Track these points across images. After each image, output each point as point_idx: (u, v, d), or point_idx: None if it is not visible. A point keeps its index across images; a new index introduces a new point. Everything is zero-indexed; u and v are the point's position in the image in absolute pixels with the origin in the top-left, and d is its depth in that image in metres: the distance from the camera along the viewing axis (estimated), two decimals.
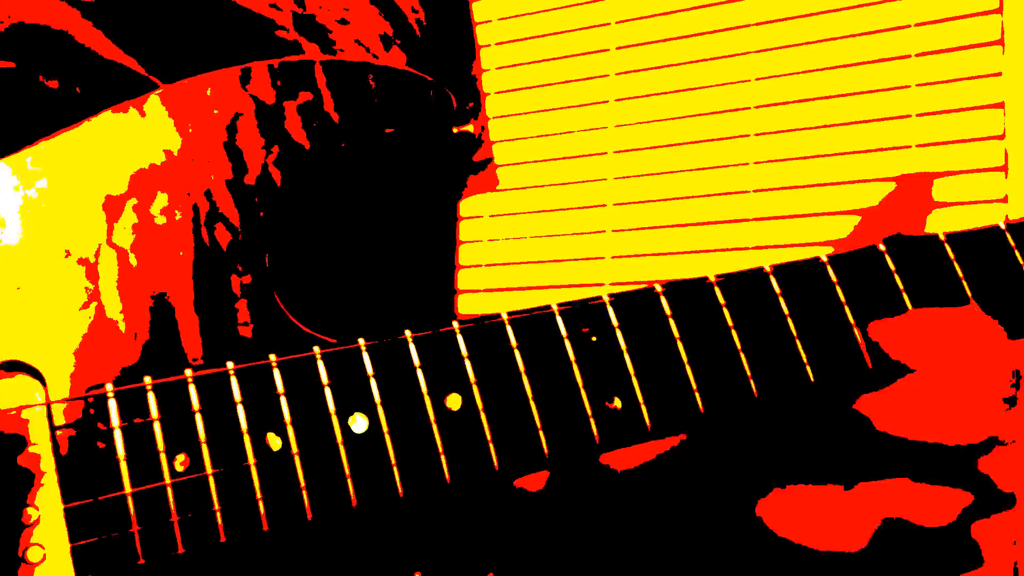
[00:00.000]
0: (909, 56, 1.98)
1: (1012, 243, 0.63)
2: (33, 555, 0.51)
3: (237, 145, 0.61)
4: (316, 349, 0.57)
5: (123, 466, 0.53)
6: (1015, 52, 1.87)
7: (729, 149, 2.18)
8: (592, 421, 0.58)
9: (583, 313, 0.59)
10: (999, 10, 1.90)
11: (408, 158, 0.69)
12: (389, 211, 0.73)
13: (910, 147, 1.97)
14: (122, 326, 0.57)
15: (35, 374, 0.55)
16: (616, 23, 2.35)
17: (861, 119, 2.03)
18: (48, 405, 0.54)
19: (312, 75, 0.63)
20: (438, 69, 0.78)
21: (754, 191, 2.12)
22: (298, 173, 0.62)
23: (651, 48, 2.29)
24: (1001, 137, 1.88)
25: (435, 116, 0.67)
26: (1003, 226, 0.63)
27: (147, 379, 0.55)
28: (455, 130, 0.68)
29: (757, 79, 2.15)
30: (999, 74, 1.89)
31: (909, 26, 1.99)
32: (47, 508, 0.52)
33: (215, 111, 0.61)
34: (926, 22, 1.97)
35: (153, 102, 0.61)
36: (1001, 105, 1.88)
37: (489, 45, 2.51)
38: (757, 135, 2.14)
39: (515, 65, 2.48)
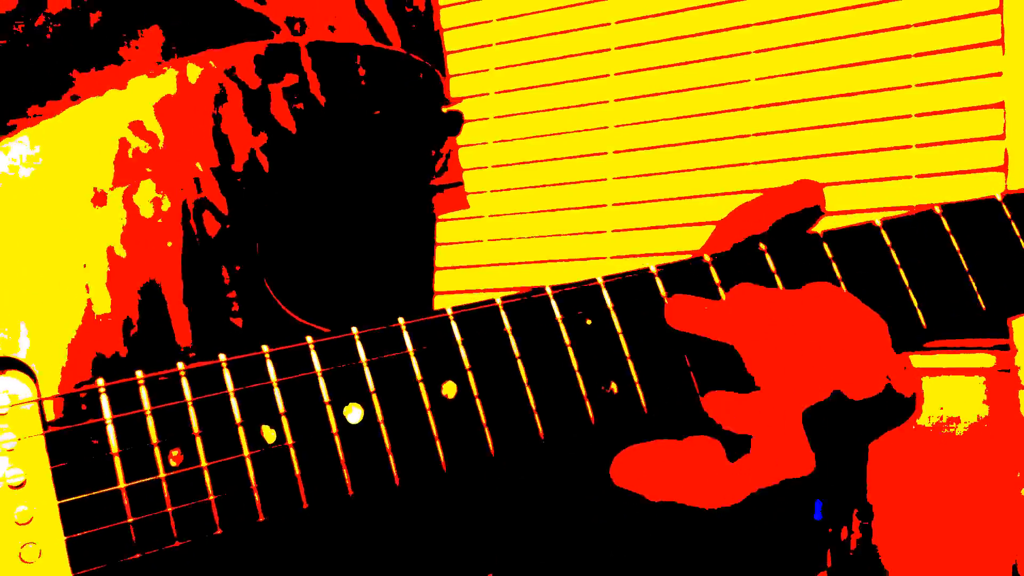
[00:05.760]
0: (909, 56, 1.98)
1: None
2: (29, 554, 0.51)
3: (223, 131, 0.60)
4: (309, 339, 0.56)
5: (117, 461, 0.52)
6: (1015, 52, 1.87)
7: (729, 149, 2.17)
8: (588, 404, 0.57)
9: (578, 296, 0.59)
10: (999, 10, 1.90)
11: (397, 140, 0.68)
12: (379, 196, 0.72)
13: (910, 147, 1.97)
14: (112, 319, 0.56)
15: (26, 371, 0.54)
16: (616, 23, 2.34)
17: (861, 119, 2.02)
18: (40, 402, 0.53)
19: (298, 58, 0.62)
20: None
21: (754, 191, 2.12)
22: (286, 159, 0.61)
23: (651, 48, 2.29)
24: (1001, 137, 1.88)
25: (423, 97, 0.66)
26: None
27: (139, 373, 0.54)
28: (444, 109, 0.67)
29: (757, 79, 2.15)
30: (999, 74, 1.89)
31: (909, 26, 1.99)
32: (42, 506, 0.51)
33: (200, 97, 0.60)
34: (926, 22, 1.97)
35: (136, 88, 0.60)
36: (1001, 105, 1.88)
37: (490, 45, 2.51)
38: (757, 135, 2.14)
39: (515, 65, 2.48)
